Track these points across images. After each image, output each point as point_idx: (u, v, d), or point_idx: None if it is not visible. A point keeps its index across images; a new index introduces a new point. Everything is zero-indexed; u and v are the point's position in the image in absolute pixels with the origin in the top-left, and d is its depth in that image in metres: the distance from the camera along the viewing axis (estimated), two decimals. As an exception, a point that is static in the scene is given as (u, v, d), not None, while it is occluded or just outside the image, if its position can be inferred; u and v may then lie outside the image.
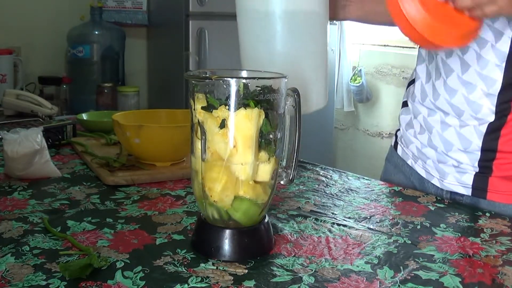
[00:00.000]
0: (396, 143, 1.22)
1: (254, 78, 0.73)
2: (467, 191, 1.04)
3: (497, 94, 0.97)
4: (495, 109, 0.98)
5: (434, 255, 0.75)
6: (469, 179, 1.03)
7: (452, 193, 1.07)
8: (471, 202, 1.05)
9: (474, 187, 1.03)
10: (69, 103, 2.18)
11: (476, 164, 1.02)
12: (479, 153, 1.01)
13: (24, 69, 2.34)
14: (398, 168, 1.19)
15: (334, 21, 2.65)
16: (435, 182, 1.08)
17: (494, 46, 0.96)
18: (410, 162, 1.15)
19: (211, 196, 0.70)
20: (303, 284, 0.65)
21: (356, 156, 3.39)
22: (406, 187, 1.08)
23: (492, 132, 0.99)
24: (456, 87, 1.00)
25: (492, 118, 0.99)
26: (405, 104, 1.18)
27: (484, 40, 0.96)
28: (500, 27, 0.95)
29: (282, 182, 0.77)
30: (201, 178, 0.71)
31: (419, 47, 1.13)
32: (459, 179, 1.04)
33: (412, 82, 1.17)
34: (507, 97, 0.97)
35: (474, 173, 1.03)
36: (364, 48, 3.32)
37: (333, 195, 1.01)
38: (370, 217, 0.89)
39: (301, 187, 1.05)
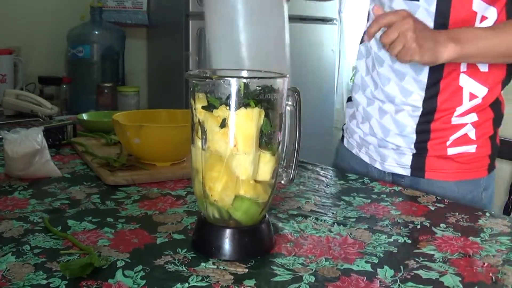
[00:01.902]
0: (342, 136, 1.33)
1: (254, 77, 0.73)
2: (406, 172, 1.14)
3: (426, 80, 1.09)
4: (424, 95, 1.09)
5: (434, 255, 0.75)
6: (407, 160, 1.14)
7: (394, 174, 1.17)
8: (411, 183, 1.14)
9: (413, 167, 1.13)
10: (69, 103, 2.18)
11: (413, 146, 1.13)
12: (414, 136, 1.12)
13: (24, 69, 2.34)
14: (344, 159, 1.29)
15: (334, 21, 2.65)
16: (377, 165, 1.19)
17: None
18: (354, 151, 1.26)
19: (211, 195, 0.70)
20: (304, 283, 0.65)
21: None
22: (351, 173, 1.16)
23: (426, 115, 1.10)
24: (389, 75, 1.12)
25: (420, 103, 1.10)
26: (349, 99, 1.30)
27: None
28: (421, 18, 1.04)
29: (282, 182, 0.77)
30: (202, 178, 0.71)
31: (359, 44, 1.26)
32: (398, 161, 1.15)
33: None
34: (434, 79, 1.09)
35: (411, 154, 1.13)
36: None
37: (333, 195, 1.01)
38: (370, 217, 0.90)
39: (301, 187, 1.05)
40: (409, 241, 0.79)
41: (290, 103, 0.74)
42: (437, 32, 1.02)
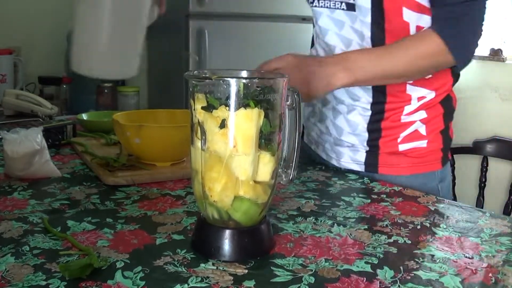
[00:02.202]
0: (302, 132, 1.36)
1: (254, 78, 0.73)
2: (361, 168, 1.17)
3: (371, 87, 1.12)
4: (372, 100, 1.13)
5: (434, 255, 0.75)
6: (361, 157, 1.16)
7: (349, 170, 1.19)
8: (366, 176, 1.16)
9: (366, 163, 1.16)
10: (69, 103, 2.18)
11: (365, 144, 1.15)
12: (366, 134, 1.15)
13: (24, 69, 2.34)
14: (305, 155, 1.32)
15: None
16: (334, 162, 1.22)
17: (361, 44, 1.10)
18: (313, 147, 1.29)
19: (211, 196, 0.70)
20: (303, 284, 0.65)
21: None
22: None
23: (376, 115, 1.13)
24: None
25: (368, 106, 1.14)
26: None
27: (349, 39, 1.11)
28: (361, 30, 1.09)
29: (282, 182, 0.77)
30: (201, 178, 0.71)
31: (310, 48, 1.29)
32: (353, 157, 1.18)
33: None
34: (379, 87, 1.11)
35: (365, 151, 1.15)
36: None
37: (333, 195, 1.01)
38: (370, 217, 0.89)
39: (301, 187, 1.05)
40: (409, 242, 0.79)
41: (289, 103, 0.74)
42: (328, 62, 1.03)
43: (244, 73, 0.75)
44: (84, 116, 1.50)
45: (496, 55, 3.14)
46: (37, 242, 0.75)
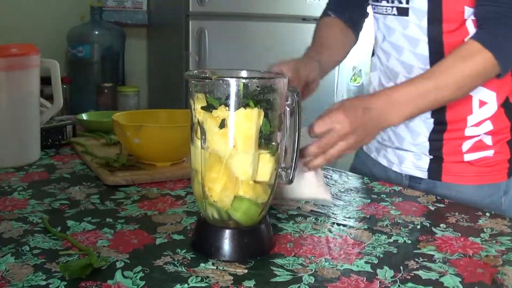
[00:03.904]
0: None
1: (253, 78, 0.73)
2: (424, 175, 1.13)
3: None
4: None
5: (434, 255, 0.75)
6: (425, 163, 1.13)
7: (411, 177, 1.15)
8: (427, 186, 1.12)
9: (430, 170, 1.12)
10: (69, 103, 2.18)
11: (427, 153, 1.12)
12: (427, 144, 1.11)
13: (24, 69, 2.34)
14: (363, 163, 1.28)
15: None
16: (395, 168, 1.18)
17: (414, 51, 1.07)
18: (373, 155, 1.25)
19: (211, 196, 0.70)
20: (303, 284, 0.65)
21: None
22: (369, 177, 1.14)
23: (438, 124, 1.09)
24: None
25: (429, 114, 1.08)
26: None
27: (401, 47, 1.09)
28: (414, 35, 1.06)
29: (282, 182, 0.77)
30: (201, 178, 0.71)
31: (372, 56, 1.26)
32: (415, 164, 1.14)
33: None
34: None
35: (428, 158, 1.12)
36: (364, 47, 3.32)
37: (333, 195, 1.00)
38: (370, 217, 0.89)
39: (301, 187, 1.05)
40: (409, 242, 0.79)
41: (289, 103, 0.74)
42: (374, 108, 0.91)
43: (244, 73, 0.75)
44: (84, 116, 1.50)
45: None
46: (37, 242, 0.75)
